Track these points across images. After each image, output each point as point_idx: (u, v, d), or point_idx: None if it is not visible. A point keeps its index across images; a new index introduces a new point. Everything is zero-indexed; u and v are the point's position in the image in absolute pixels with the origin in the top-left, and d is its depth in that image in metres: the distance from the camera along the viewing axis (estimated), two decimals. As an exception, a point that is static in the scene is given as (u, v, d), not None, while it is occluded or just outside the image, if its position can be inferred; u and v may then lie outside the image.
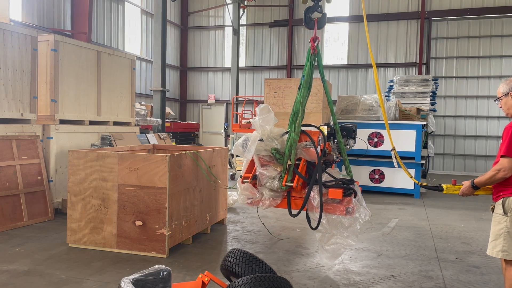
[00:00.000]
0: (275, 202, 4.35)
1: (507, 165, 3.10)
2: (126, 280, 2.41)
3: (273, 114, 4.56)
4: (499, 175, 3.13)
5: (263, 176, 4.32)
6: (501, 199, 3.18)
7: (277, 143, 4.40)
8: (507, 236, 3.13)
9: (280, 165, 4.34)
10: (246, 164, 4.53)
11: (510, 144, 3.11)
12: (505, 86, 3.36)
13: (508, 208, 3.13)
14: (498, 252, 3.17)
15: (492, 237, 3.24)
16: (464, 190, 3.46)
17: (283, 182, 4.22)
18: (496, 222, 3.21)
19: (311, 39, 4.64)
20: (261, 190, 4.37)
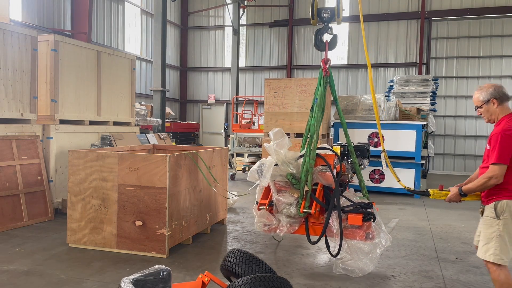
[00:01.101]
0: (293, 228, 4.35)
1: (499, 172, 3.09)
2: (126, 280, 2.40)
3: (287, 139, 4.54)
4: (491, 182, 3.13)
5: (280, 203, 4.32)
6: (493, 202, 3.18)
7: (292, 168, 4.40)
8: (499, 240, 3.12)
9: (297, 190, 4.33)
10: (261, 190, 4.55)
11: (500, 151, 3.08)
12: (484, 94, 3.31)
13: (500, 211, 3.13)
14: (490, 255, 3.17)
15: (484, 240, 3.23)
16: (452, 197, 3.46)
17: (300, 208, 4.22)
18: (488, 226, 3.21)
19: (322, 61, 4.63)
20: (278, 216, 4.37)
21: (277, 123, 9.10)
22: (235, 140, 12.06)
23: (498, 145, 3.09)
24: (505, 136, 3.09)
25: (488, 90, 3.28)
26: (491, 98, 3.27)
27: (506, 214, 3.12)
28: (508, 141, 3.07)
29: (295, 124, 8.94)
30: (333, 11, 4.70)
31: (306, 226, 4.28)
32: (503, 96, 3.27)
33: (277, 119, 9.09)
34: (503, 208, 3.12)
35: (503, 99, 3.27)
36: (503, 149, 3.07)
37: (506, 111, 3.27)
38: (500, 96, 3.26)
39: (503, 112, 3.26)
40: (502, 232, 3.12)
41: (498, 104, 3.26)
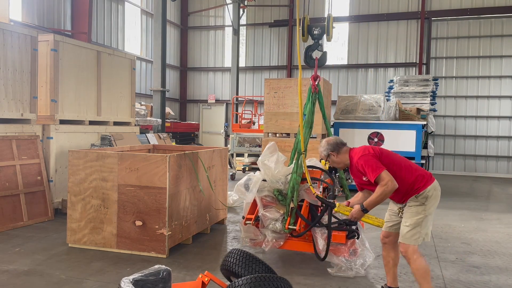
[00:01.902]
0: (278, 243, 4.45)
1: (388, 178, 3.36)
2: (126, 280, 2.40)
3: (280, 154, 4.60)
4: (388, 189, 3.37)
5: (266, 218, 4.39)
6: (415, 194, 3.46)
7: (281, 183, 4.44)
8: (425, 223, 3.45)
9: (283, 206, 4.37)
10: (248, 205, 4.61)
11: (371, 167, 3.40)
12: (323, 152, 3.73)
13: (423, 199, 3.45)
14: (417, 239, 3.42)
15: (408, 227, 3.45)
16: (354, 214, 3.64)
17: (286, 224, 4.26)
18: (414, 213, 3.46)
19: (311, 78, 4.63)
20: (263, 231, 4.44)
21: (277, 123, 9.09)
22: (235, 140, 12.06)
23: (366, 168, 3.43)
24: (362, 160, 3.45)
25: (324, 147, 3.71)
26: (329, 153, 3.68)
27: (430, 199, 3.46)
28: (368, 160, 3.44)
29: (295, 124, 8.93)
30: (323, 28, 4.69)
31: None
32: (337, 146, 3.68)
33: (277, 119, 9.08)
34: (426, 196, 3.45)
35: (339, 147, 3.68)
36: (371, 166, 3.41)
37: (347, 151, 3.68)
38: (334, 147, 3.67)
39: (345, 153, 3.67)
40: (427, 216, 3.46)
41: (337, 154, 3.67)
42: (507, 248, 5.49)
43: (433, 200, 3.51)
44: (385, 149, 3.62)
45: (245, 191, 4.55)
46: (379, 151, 3.55)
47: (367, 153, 3.49)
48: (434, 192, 3.51)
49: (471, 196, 10.03)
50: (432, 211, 3.51)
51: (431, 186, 3.49)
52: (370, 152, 3.50)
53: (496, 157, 15.23)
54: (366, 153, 3.50)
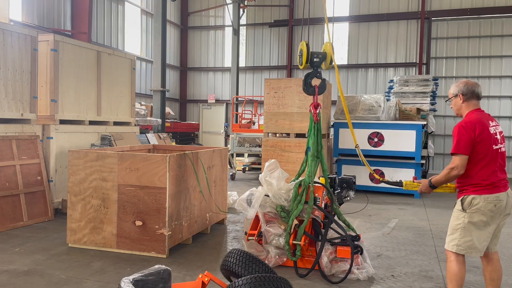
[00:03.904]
0: (281, 259, 4.44)
1: (459, 163, 3.27)
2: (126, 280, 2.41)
3: (280, 170, 4.63)
4: (453, 173, 3.31)
5: (269, 233, 4.39)
6: (462, 196, 3.35)
7: (284, 200, 4.44)
8: (463, 231, 3.30)
9: (285, 222, 4.39)
10: (249, 221, 4.63)
11: (458, 142, 3.27)
12: (455, 88, 3.50)
13: (466, 206, 3.30)
14: (453, 246, 3.34)
15: (449, 231, 3.42)
16: (423, 189, 3.63)
17: (290, 240, 4.27)
18: (455, 218, 3.39)
19: (312, 106, 4.60)
20: (266, 247, 4.44)
21: (277, 123, 9.10)
22: (235, 140, 12.06)
23: (456, 137, 3.29)
24: (462, 128, 3.27)
25: (459, 86, 3.46)
26: (458, 93, 3.45)
27: (473, 208, 3.27)
28: (464, 132, 3.25)
29: (295, 124, 8.94)
30: (324, 55, 4.66)
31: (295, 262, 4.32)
32: (471, 94, 3.40)
33: (277, 119, 9.09)
34: (468, 203, 3.28)
35: (470, 97, 3.41)
36: (460, 140, 3.26)
37: (471, 108, 3.42)
38: (467, 92, 3.40)
39: (468, 108, 3.43)
40: (466, 225, 3.28)
41: (464, 100, 3.43)
42: (507, 248, 5.49)
43: (478, 213, 3.24)
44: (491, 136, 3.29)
45: (247, 206, 4.55)
46: (480, 133, 3.24)
47: (469, 128, 3.25)
48: (484, 205, 3.22)
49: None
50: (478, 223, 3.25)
51: (484, 196, 3.24)
52: (469, 129, 3.24)
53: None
54: (467, 127, 3.26)
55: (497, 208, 3.25)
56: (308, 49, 4.61)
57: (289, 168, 8.54)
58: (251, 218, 4.61)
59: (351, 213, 6.65)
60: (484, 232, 3.28)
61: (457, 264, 3.31)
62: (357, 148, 4.62)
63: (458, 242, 3.30)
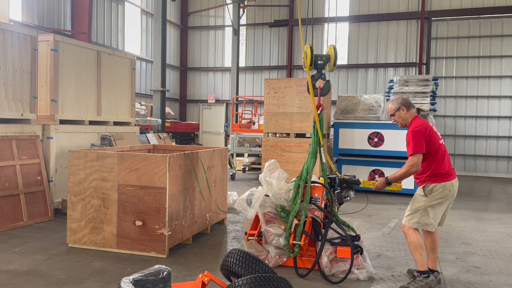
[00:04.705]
0: (281, 259, 4.45)
1: (417, 161, 3.85)
2: (126, 280, 2.40)
3: (280, 170, 4.66)
4: (412, 169, 3.88)
5: (269, 234, 4.40)
6: (423, 185, 3.97)
7: (284, 200, 4.44)
8: (423, 212, 3.94)
9: (285, 222, 4.41)
10: (249, 221, 4.65)
11: (415, 144, 3.86)
12: (395, 104, 4.12)
13: (428, 192, 3.93)
14: (414, 223, 3.97)
15: (410, 211, 4.03)
16: (378, 185, 4.18)
17: (290, 240, 4.28)
18: (417, 201, 4.00)
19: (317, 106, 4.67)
20: (266, 247, 4.44)
21: (277, 123, 9.10)
22: (235, 140, 12.06)
23: (412, 140, 3.88)
24: (414, 132, 3.90)
25: (398, 101, 4.11)
26: (400, 106, 4.08)
27: (433, 194, 3.92)
28: (418, 135, 3.88)
29: (295, 124, 8.94)
30: (328, 58, 4.72)
31: (295, 258, 4.33)
32: (409, 104, 4.09)
33: (277, 119, 9.09)
34: (430, 190, 3.93)
35: (410, 106, 4.09)
36: (416, 142, 3.86)
37: (413, 115, 4.10)
38: (406, 104, 4.08)
39: (411, 116, 4.09)
40: (426, 207, 3.93)
41: (406, 110, 4.08)
42: (507, 248, 5.49)
43: (437, 197, 3.91)
44: (436, 133, 3.98)
45: (247, 206, 4.56)
46: (429, 133, 3.91)
47: (421, 131, 3.89)
48: (442, 191, 3.91)
49: (471, 196, 10.03)
50: (435, 205, 3.93)
51: (442, 183, 3.91)
52: (421, 132, 3.88)
53: (496, 157, 15.23)
54: (420, 130, 3.89)
55: (451, 192, 3.97)
56: (312, 52, 4.70)
57: (289, 168, 8.54)
58: (251, 218, 4.62)
59: (351, 213, 6.65)
60: (439, 212, 3.98)
61: (416, 236, 3.95)
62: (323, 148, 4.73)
63: (418, 220, 3.96)
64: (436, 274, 4.09)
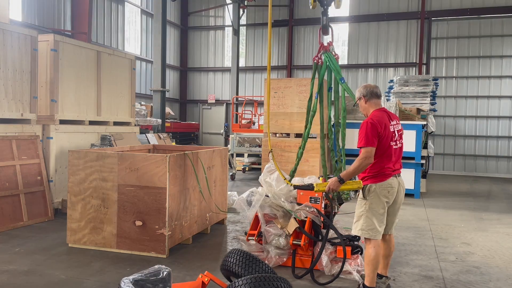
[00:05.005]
0: (281, 259, 4.46)
1: (370, 153, 3.53)
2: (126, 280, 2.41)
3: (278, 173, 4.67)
4: (365, 162, 3.53)
5: (269, 234, 4.42)
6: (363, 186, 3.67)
7: (283, 201, 4.45)
8: (365, 217, 3.63)
9: (283, 222, 4.42)
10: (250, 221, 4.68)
11: (366, 136, 3.54)
12: (357, 93, 3.88)
13: (366, 194, 3.65)
14: (358, 230, 3.67)
15: (355, 218, 3.75)
16: (331, 185, 3.72)
17: (290, 240, 4.29)
18: (358, 206, 3.72)
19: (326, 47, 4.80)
20: (266, 247, 4.46)
21: (277, 123, 9.10)
22: (235, 140, 12.06)
23: (365, 132, 3.56)
24: (369, 124, 3.57)
25: (360, 90, 3.86)
26: (361, 96, 3.83)
27: (371, 195, 3.62)
28: (371, 128, 3.55)
29: (295, 124, 8.94)
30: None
31: (293, 258, 4.35)
32: (370, 94, 3.79)
33: (277, 119, 9.09)
34: (369, 191, 3.63)
35: (371, 97, 3.79)
36: (368, 134, 3.54)
37: (374, 107, 3.78)
38: (367, 93, 3.79)
39: (372, 107, 3.79)
40: (368, 212, 3.63)
41: (366, 100, 3.81)
42: (507, 248, 5.49)
43: (375, 198, 3.61)
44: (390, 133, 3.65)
45: (247, 206, 4.57)
46: (383, 130, 3.59)
47: (373, 121, 3.58)
48: (380, 191, 3.61)
49: (471, 196, 10.03)
50: (376, 208, 3.61)
51: (379, 184, 3.61)
52: (374, 123, 3.57)
53: (496, 157, 15.23)
54: (372, 121, 3.59)
55: (391, 194, 3.65)
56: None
57: (289, 168, 8.48)
58: (251, 218, 4.63)
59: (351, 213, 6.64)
60: (382, 216, 3.65)
61: (373, 250, 3.59)
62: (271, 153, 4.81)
63: (362, 226, 3.64)
64: (385, 279, 3.90)
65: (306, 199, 4.51)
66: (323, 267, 4.23)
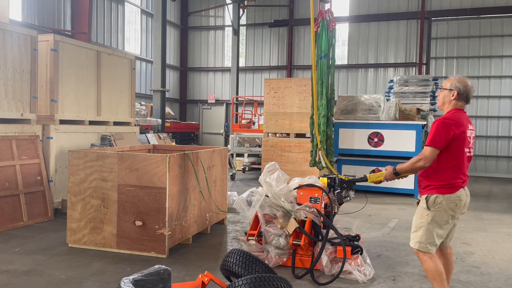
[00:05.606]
0: (281, 259, 4.46)
1: (428, 155, 3.22)
2: (126, 280, 2.41)
3: (280, 171, 4.67)
4: (419, 163, 3.27)
5: (269, 234, 4.41)
6: (426, 195, 3.34)
7: (283, 201, 4.46)
8: (426, 229, 3.32)
9: (283, 222, 4.42)
10: (250, 221, 4.67)
11: (435, 135, 3.21)
12: (454, 82, 3.40)
13: (430, 204, 3.30)
14: (416, 243, 3.36)
15: (413, 228, 3.42)
16: (387, 176, 3.61)
17: (290, 240, 4.29)
18: (419, 216, 3.38)
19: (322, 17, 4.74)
20: (266, 247, 4.46)
21: (277, 123, 9.10)
22: (235, 140, 12.06)
23: (435, 130, 3.23)
24: (443, 123, 3.23)
25: (459, 82, 3.38)
26: (455, 90, 3.37)
27: (436, 207, 3.28)
28: (444, 128, 3.20)
29: (295, 124, 8.94)
30: None
31: (293, 258, 4.35)
32: (465, 96, 3.38)
33: (277, 119, 9.09)
34: (433, 202, 3.29)
35: (463, 98, 3.38)
36: (437, 134, 3.20)
37: (457, 107, 3.38)
38: (463, 93, 3.36)
39: (454, 106, 3.38)
40: (430, 223, 3.30)
41: (456, 98, 3.37)
42: (507, 248, 5.49)
43: (441, 211, 3.28)
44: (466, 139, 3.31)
45: (247, 206, 4.57)
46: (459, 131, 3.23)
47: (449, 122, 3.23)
48: (447, 204, 3.27)
49: (471, 196, 9.98)
50: (440, 221, 3.30)
51: (447, 195, 3.27)
52: (449, 123, 3.22)
53: (496, 157, 15.23)
54: (448, 121, 3.24)
55: (458, 207, 3.32)
56: None
57: (289, 168, 8.54)
58: (251, 218, 4.63)
59: (351, 213, 6.65)
60: (443, 230, 3.36)
61: (432, 261, 3.33)
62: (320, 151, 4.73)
63: (420, 239, 3.34)
64: None
65: (306, 199, 4.51)
66: (323, 267, 4.23)
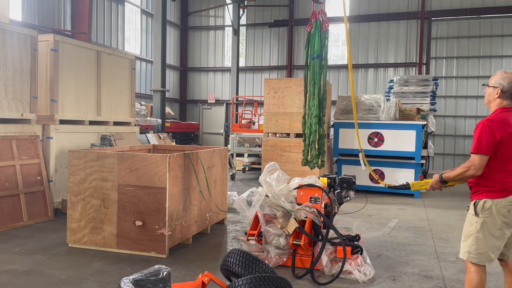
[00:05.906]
0: (281, 259, 4.46)
1: (478, 163, 2.99)
2: (126, 280, 2.40)
3: (280, 171, 4.67)
4: (469, 172, 3.02)
5: (269, 234, 4.42)
6: (474, 200, 3.12)
7: (283, 201, 4.46)
8: (475, 238, 3.06)
9: (283, 222, 4.43)
10: (250, 221, 4.68)
11: (480, 141, 2.99)
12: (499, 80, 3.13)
13: (479, 210, 3.06)
14: (464, 253, 3.12)
15: (463, 237, 3.18)
16: (433, 184, 3.35)
17: (290, 240, 4.30)
18: (468, 223, 3.14)
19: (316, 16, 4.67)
20: (266, 247, 4.46)
21: (277, 123, 9.10)
22: (235, 140, 12.06)
23: (479, 134, 3.01)
24: (487, 126, 3.00)
25: (504, 79, 3.11)
26: (498, 87, 3.11)
27: (485, 213, 3.03)
28: (488, 132, 2.98)
29: (295, 124, 8.94)
30: None
31: (293, 258, 4.35)
32: (510, 93, 3.08)
33: (277, 119, 9.09)
34: (482, 207, 3.05)
35: (508, 96, 3.09)
36: (483, 139, 2.98)
37: (503, 106, 3.12)
38: (508, 90, 3.08)
39: (499, 105, 3.12)
40: (479, 231, 3.04)
41: (500, 96, 3.10)
42: (507, 248, 5.49)
43: (491, 218, 3.01)
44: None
45: (247, 206, 4.58)
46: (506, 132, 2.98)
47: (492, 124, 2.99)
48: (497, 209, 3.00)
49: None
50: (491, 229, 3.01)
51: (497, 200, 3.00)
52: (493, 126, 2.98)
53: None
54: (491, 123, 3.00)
55: (511, 214, 3.01)
56: None
57: (289, 168, 8.54)
58: (251, 218, 4.63)
59: (351, 213, 6.65)
60: (498, 240, 3.03)
61: (477, 275, 3.05)
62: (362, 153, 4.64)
63: (470, 249, 3.06)
64: None
65: (306, 199, 4.52)
66: (323, 267, 4.23)
